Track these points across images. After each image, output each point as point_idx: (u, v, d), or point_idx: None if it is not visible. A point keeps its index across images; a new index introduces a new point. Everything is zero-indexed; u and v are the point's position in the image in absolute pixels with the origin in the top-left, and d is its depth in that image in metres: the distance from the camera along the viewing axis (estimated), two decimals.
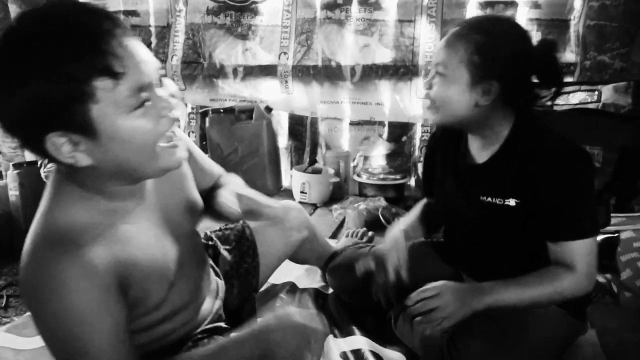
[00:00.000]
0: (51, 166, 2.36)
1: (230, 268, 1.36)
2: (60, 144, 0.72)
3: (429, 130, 2.94)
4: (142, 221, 0.89)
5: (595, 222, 1.16)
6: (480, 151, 1.28)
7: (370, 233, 2.16)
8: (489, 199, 1.23)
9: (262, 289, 1.72)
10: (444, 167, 1.38)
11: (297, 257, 1.60)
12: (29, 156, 3.26)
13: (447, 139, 1.39)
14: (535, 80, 1.20)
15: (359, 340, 1.40)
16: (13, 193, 2.34)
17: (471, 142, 1.30)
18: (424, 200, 1.57)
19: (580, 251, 1.13)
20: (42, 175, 2.37)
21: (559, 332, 1.23)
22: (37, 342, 1.47)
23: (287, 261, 1.61)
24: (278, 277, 1.75)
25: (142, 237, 0.88)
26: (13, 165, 2.35)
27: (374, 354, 1.34)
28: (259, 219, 1.11)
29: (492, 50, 1.14)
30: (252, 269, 1.41)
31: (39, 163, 2.46)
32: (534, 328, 1.18)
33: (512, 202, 1.20)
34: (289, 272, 1.79)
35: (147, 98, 0.76)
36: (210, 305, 1.16)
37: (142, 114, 0.75)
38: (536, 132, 1.19)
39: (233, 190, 1.10)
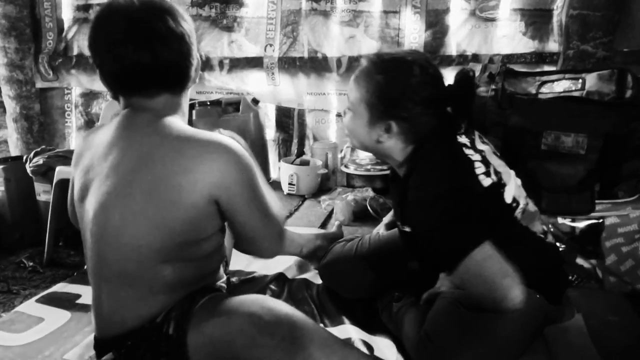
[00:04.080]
0: (37, 160, 2.33)
1: None
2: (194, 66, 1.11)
3: None
4: None
5: (475, 233, 1.11)
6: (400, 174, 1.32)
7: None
8: (399, 222, 1.32)
9: (254, 276, 1.73)
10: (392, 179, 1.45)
11: None
12: (14, 151, 3.23)
13: None
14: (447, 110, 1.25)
15: (348, 329, 1.40)
16: None
17: None
18: None
19: (479, 267, 1.09)
20: (28, 170, 2.34)
21: (530, 313, 1.19)
22: (26, 338, 1.47)
23: None
24: (268, 267, 1.76)
25: None
26: None
27: (364, 342, 1.35)
28: None
29: (389, 92, 1.19)
30: None
31: (24, 158, 2.44)
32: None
33: (406, 228, 1.27)
34: (278, 263, 1.79)
35: None
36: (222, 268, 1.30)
37: None
38: (419, 162, 1.20)
39: None
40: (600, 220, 1.75)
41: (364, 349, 1.30)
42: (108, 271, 1.05)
